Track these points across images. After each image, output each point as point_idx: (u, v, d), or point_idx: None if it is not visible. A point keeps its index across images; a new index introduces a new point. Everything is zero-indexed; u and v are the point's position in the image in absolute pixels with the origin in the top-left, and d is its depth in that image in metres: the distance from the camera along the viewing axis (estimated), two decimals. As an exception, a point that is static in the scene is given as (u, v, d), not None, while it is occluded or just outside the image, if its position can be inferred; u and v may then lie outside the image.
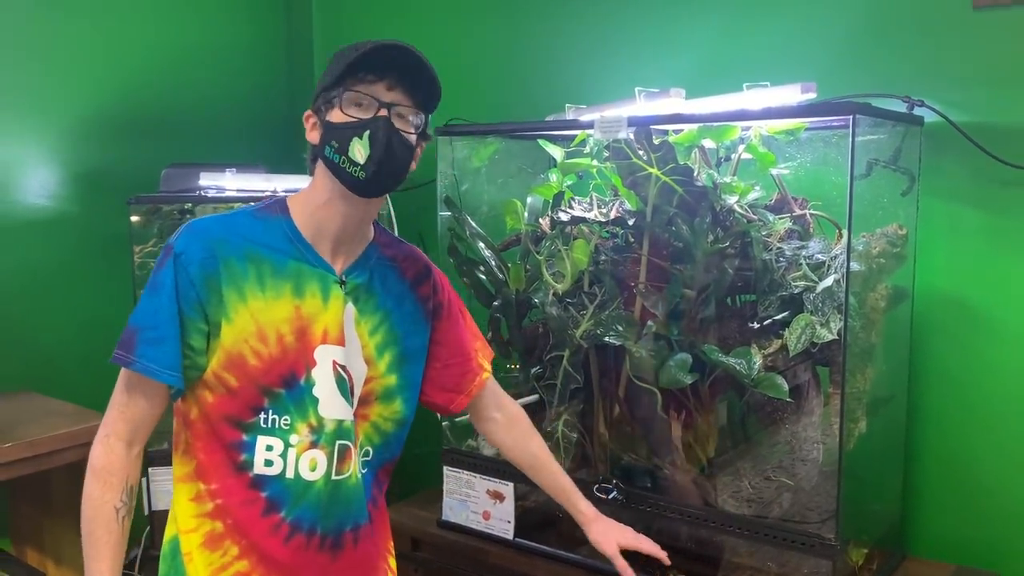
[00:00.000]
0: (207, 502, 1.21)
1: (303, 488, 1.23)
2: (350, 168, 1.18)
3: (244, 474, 1.21)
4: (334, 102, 1.19)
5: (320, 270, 1.23)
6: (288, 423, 1.21)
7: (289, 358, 1.20)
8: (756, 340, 1.57)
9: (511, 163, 2.00)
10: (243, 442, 1.20)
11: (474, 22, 2.36)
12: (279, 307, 1.20)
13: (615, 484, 1.65)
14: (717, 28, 1.93)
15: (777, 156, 1.61)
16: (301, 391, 1.21)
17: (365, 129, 1.18)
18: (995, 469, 1.68)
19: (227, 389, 1.19)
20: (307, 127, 1.23)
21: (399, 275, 1.32)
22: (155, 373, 1.16)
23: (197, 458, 1.21)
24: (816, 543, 1.44)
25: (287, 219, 1.23)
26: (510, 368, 1.95)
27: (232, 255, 1.18)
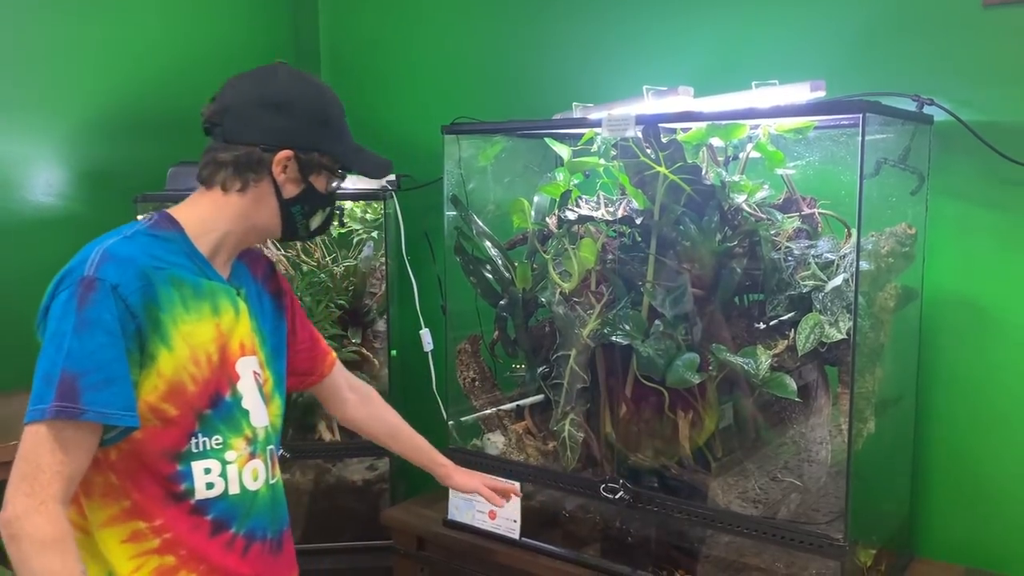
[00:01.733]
0: (151, 539, 1.17)
1: (250, 499, 1.25)
2: (302, 230, 1.29)
3: (185, 502, 1.19)
4: (325, 172, 1.26)
5: (223, 284, 1.25)
6: (220, 442, 1.21)
7: (215, 377, 1.20)
8: (763, 340, 1.56)
9: (517, 162, 1.99)
10: (179, 472, 1.18)
11: (480, 21, 2.35)
12: (203, 328, 1.19)
13: (622, 484, 1.64)
14: (726, 26, 1.92)
15: (786, 155, 1.60)
16: (229, 407, 1.22)
17: (328, 206, 1.31)
18: (1004, 470, 1.67)
19: (162, 421, 1.15)
20: (277, 168, 1.22)
21: (252, 275, 1.35)
22: (112, 418, 1.08)
23: (130, 498, 1.16)
24: (824, 543, 1.43)
25: (182, 235, 1.21)
26: (516, 367, 1.95)
27: (160, 280, 1.15)
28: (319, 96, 1.25)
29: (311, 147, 1.23)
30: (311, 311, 2.24)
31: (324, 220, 1.32)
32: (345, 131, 1.29)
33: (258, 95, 1.22)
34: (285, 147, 1.21)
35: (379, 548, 2.19)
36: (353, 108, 1.26)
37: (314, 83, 1.27)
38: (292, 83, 1.25)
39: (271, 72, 1.26)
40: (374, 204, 2.32)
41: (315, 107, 1.24)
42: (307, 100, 1.24)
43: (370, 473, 2.31)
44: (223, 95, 1.24)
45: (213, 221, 1.23)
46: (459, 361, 1.95)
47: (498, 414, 1.92)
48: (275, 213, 1.25)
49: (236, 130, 1.22)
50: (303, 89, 1.25)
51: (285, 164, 1.22)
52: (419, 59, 2.49)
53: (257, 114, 1.21)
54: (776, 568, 1.56)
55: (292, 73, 1.27)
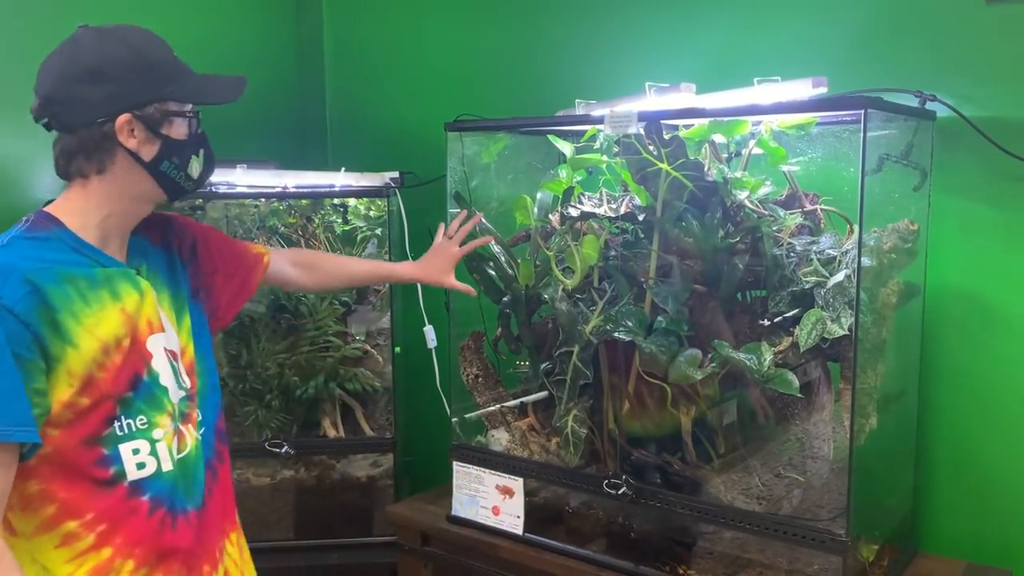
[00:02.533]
0: (85, 536, 1.16)
1: (179, 476, 1.25)
2: (185, 182, 1.25)
3: (118, 486, 1.18)
4: (176, 118, 1.21)
5: (120, 268, 1.23)
6: (145, 422, 1.21)
7: (129, 360, 1.20)
8: (766, 336, 1.56)
9: (520, 159, 2.00)
10: (105, 456, 1.17)
11: (484, 18, 2.36)
12: (108, 316, 1.18)
13: (625, 480, 1.64)
14: (728, 23, 1.92)
15: (788, 151, 1.60)
16: (148, 387, 1.22)
17: (200, 147, 1.26)
18: (1007, 465, 1.67)
19: (76, 414, 1.14)
20: (122, 136, 1.17)
21: (153, 245, 1.33)
22: (7, 435, 1.07)
23: (56, 500, 1.15)
24: (827, 539, 1.43)
25: (64, 231, 1.19)
26: (519, 364, 1.96)
27: (48, 281, 1.13)
28: (131, 46, 1.18)
29: (145, 100, 1.18)
30: (315, 308, 2.24)
31: (204, 164, 1.28)
32: (176, 68, 1.22)
33: (69, 73, 1.17)
34: (120, 112, 1.17)
35: (383, 544, 2.20)
36: (357, 105, 1.26)
37: (120, 35, 1.20)
38: (98, 44, 1.18)
39: (73, 43, 1.20)
40: (378, 201, 2.32)
41: (131, 59, 1.18)
42: (120, 55, 1.17)
43: (374, 469, 2.32)
44: (38, 86, 1.20)
45: (89, 210, 1.21)
46: (462, 358, 1.95)
47: (501, 411, 1.93)
48: (146, 178, 1.21)
49: (67, 116, 1.18)
50: (111, 46, 1.18)
51: (130, 129, 1.18)
52: (422, 56, 2.50)
53: (78, 92, 1.16)
54: (779, 564, 1.57)
55: (94, 33, 1.20)
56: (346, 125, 2.70)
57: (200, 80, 1.25)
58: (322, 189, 2.28)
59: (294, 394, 2.24)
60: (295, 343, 2.24)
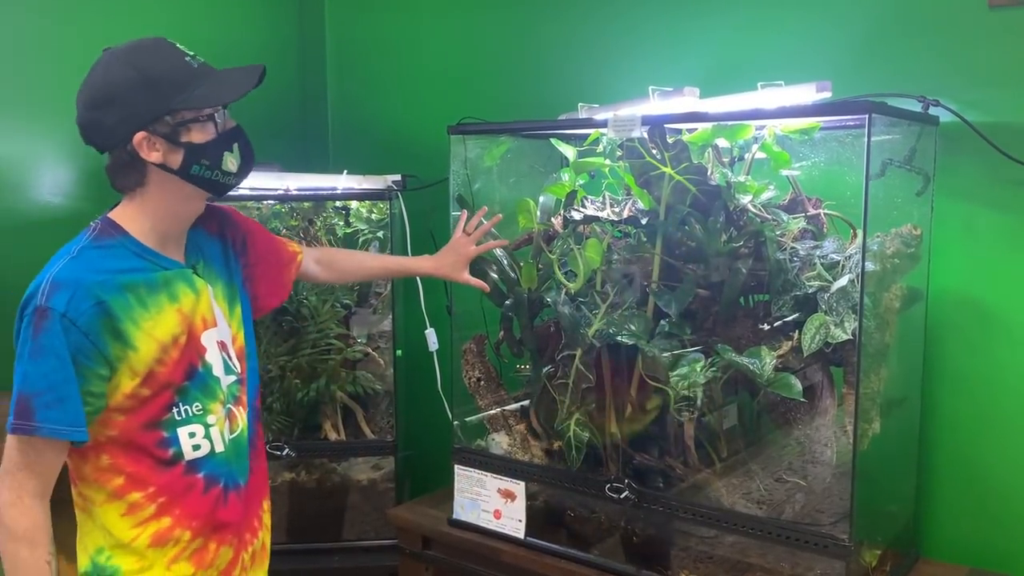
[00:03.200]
0: (147, 507, 1.30)
1: (228, 454, 1.37)
2: (223, 179, 1.31)
3: (177, 464, 1.31)
4: (193, 124, 1.25)
5: (176, 269, 1.33)
6: (200, 408, 1.33)
7: (186, 355, 1.31)
8: (768, 340, 1.56)
9: (523, 162, 2.00)
10: (165, 439, 1.30)
11: (486, 21, 2.36)
12: (165, 318, 1.28)
13: (627, 484, 1.64)
14: (732, 27, 1.92)
15: (791, 156, 1.60)
16: (203, 377, 1.33)
17: (233, 142, 1.31)
18: (1009, 471, 1.67)
19: (139, 402, 1.27)
20: (144, 153, 1.24)
21: (210, 235, 1.43)
22: (61, 433, 1.21)
23: (124, 472, 1.28)
24: (830, 544, 1.43)
25: (127, 237, 1.29)
26: (521, 367, 1.96)
27: (111, 292, 1.23)
28: (135, 66, 1.23)
29: (155, 116, 1.23)
30: (316, 310, 2.24)
31: (242, 157, 1.33)
32: (185, 75, 1.25)
33: (86, 101, 1.26)
34: (133, 132, 1.23)
35: (384, 547, 2.20)
36: (359, 107, 1.26)
37: (127, 56, 1.25)
38: (105, 70, 1.25)
39: (92, 69, 1.27)
40: (380, 204, 2.32)
41: (135, 79, 1.23)
42: (124, 78, 1.23)
43: (375, 472, 2.31)
44: (77, 115, 1.28)
45: (143, 216, 1.30)
46: (464, 361, 1.95)
47: (503, 414, 1.93)
48: (183, 185, 1.29)
49: (97, 141, 1.28)
50: (116, 70, 1.24)
51: (149, 144, 1.24)
52: (425, 59, 2.50)
53: (95, 118, 1.25)
54: (781, 568, 1.56)
55: (107, 58, 1.26)
56: (348, 127, 2.70)
57: (212, 81, 1.28)
58: (324, 191, 2.28)
59: (295, 396, 2.24)
60: (296, 345, 2.24)
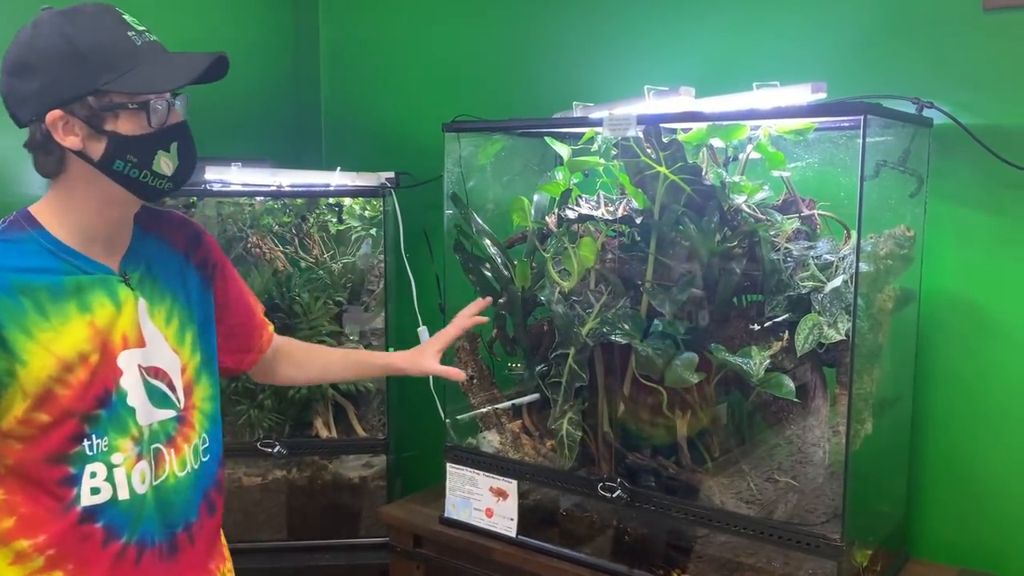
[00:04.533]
0: (35, 558, 1.09)
1: (139, 505, 1.16)
2: (153, 181, 1.11)
3: (72, 510, 1.11)
4: (123, 111, 1.06)
5: (99, 275, 1.13)
6: (107, 444, 1.12)
7: (98, 377, 1.11)
8: (761, 340, 1.57)
9: (517, 160, 1.99)
10: (70, 476, 1.10)
11: (481, 19, 2.35)
12: (71, 330, 1.09)
13: (619, 483, 1.64)
14: (727, 27, 1.92)
15: (785, 156, 1.61)
16: (115, 406, 1.13)
17: (171, 140, 1.11)
18: (1000, 472, 1.68)
19: (38, 429, 1.07)
20: (57, 135, 1.06)
21: (171, 248, 1.24)
22: None
23: (15, 514, 1.09)
24: (821, 543, 1.44)
25: (41, 231, 1.10)
26: (514, 366, 1.95)
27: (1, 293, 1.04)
28: (64, 34, 1.04)
29: (75, 94, 1.04)
30: (309, 307, 2.23)
31: (180, 159, 1.12)
32: (121, 52, 1.06)
33: (7, 64, 1.07)
34: (48, 108, 1.04)
35: (375, 545, 2.19)
36: (353, 104, 1.23)
37: (59, 20, 1.06)
38: (32, 33, 1.06)
39: (20, 31, 1.09)
40: (373, 201, 2.32)
41: (61, 48, 1.04)
42: (49, 44, 1.04)
43: (367, 470, 2.31)
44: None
45: (65, 210, 1.12)
46: (457, 359, 1.95)
47: (496, 412, 1.92)
48: (105, 180, 1.09)
49: (13, 112, 1.09)
50: (44, 35, 1.05)
51: (63, 125, 1.05)
52: (419, 57, 2.49)
53: (13, 86, 1.07)
54: (772, 568, 1.57)
55: (41, 20, 1.07)
56: (342, 124, 2.69)
57: (153, 63, 1.07)
58: (317, 188, 2.27)
59: (286, 394, 2.23)
60: (288, 343, 2.23)
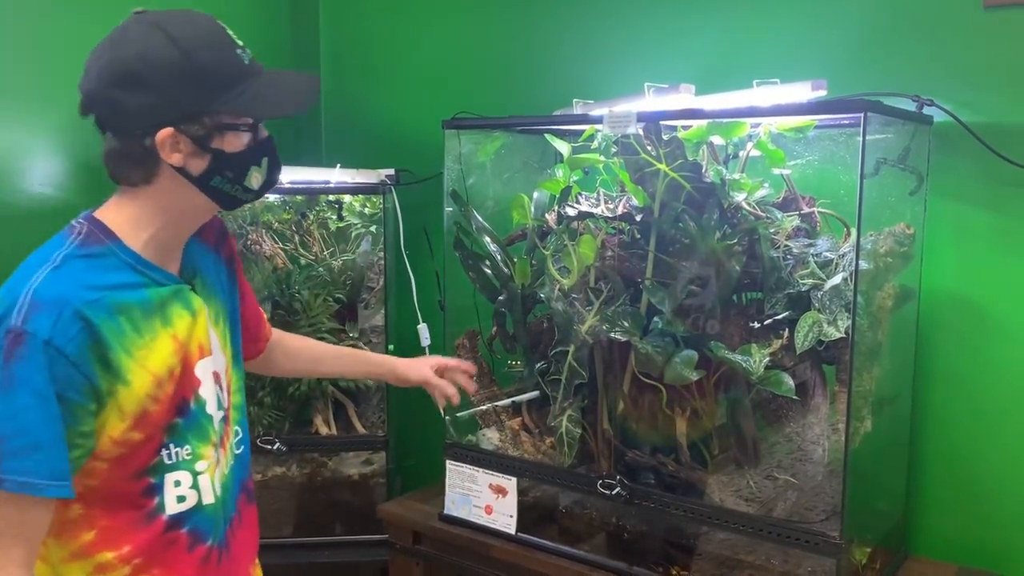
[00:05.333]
0: (120, 568, 1.08)
1: (219, 507, 1.17)
2: (242, 195, 1.12)
3: (157, 519, 1.10)
4: (229, 131, 1.06)
5: (173, 286, 1.12)
6: (190, 452, 1.12)
7: (179, 388, 1.10)
8: (761, 338, 1.57)
9: (517, 158, 1.99)
10: (151, 486, 1.09)
11: (481, 16, 2.35)
12: (159, 346, 1.07)
13: (619, 480, 1.64)
14: (728, 24, 1.92)
15: (785, 154, 1.61)
16: (195, 415, 1.12)
17: (263, 156, 1.11)
18: (999, 470, 1.68)
19: (129, 448, 1.06)
20: (164, 152, 1.04)
21: (206, 245, 1.22)
22: (35, 488, 0.96)
23: (96, 527, 1.07)
24: (820, 541, 1.44)
25: (118, 245, 1.07)
26: (513, 363, 1.95)
27: (101, 314, 1.01)
28: (180, 48, 1.02)
29: (192, 114, 1.03)
30: (309, 305, 2.23)
31: (267, 174, 1.13)
32: (235, 71, 1.05)
33: (109, 73, 1.03)
34: (161, 126, 1.02)
35: (375, 542, 2.19)
36: (352, 101, 1.23)
37: (172, 30, 1.03)
38: (143, 42, 1.02)
39: (120, 34, 1.05)
40: (373, 198, 2.32)
41: (178, 64, 1.02)
42: (165, 58, 1.01)
43: (366, 467, 2.31)
44: (82, 80, 1.07)
45: (143, 221, 1.08)
46: (457, 356, 1.95)
47: (495, 410, 1.92)
48: (196, 193, 1.08)
49: (107, 119, 1.06)
50: (157, 46, 1.02)
51: (173, 143, 1.04)
52: (419, 54, 2.49)
53: (116, 97, 1.03)
54: (771, 565, 1.57)
55: (144, 26, 1.04)
56: (342, 121, 2.69)
57: (263, 86, 1.08)
58: (317, 185, 2.27)
59: (286, 391, 2.23)
60: (288, 340, 2.23)
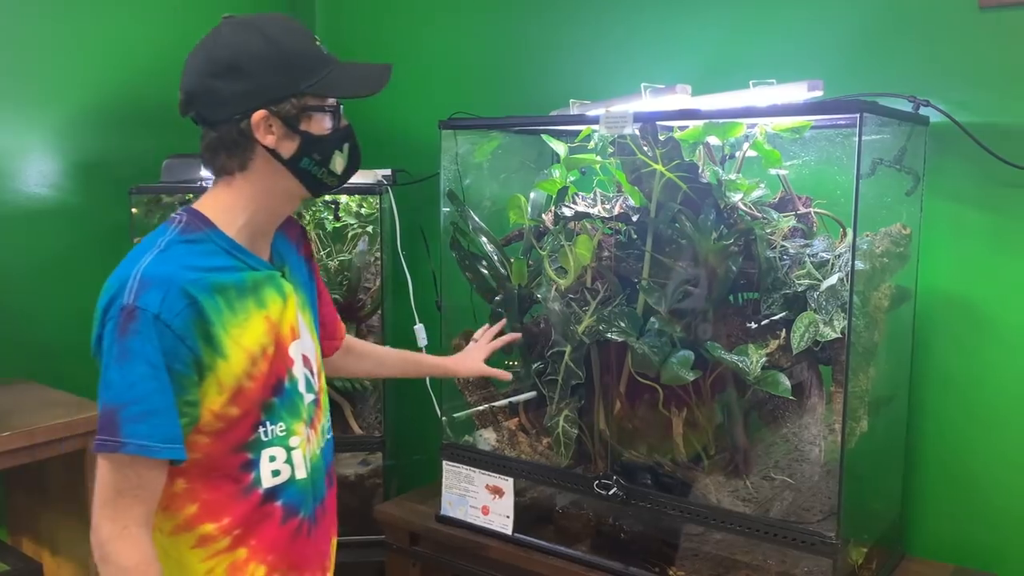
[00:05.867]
0: (221, 539, 1.17)
1: (309, 482, 1.25)
2: (327, 178, 1.21)
3: (254, 492, 1.18)
4: (316, 113, 1.17)
5: (265, 272, 1.20)
6: (284, 428, 1.20)
7: (274, 367, 1.19)
8: (758, 338, 1.57)
9: (513, 158, 1.99)
10: (249, 461, 1.18)
11: (478, 17, 2.35)
12: (253, 326, 1.16)
13: (615, 480, 1.64)
14: (724, 25, 1.92)
15: (782, 154, 1.61)
16: (289, 393, 1.21)
17: (344, 141, 1.21)
18: (995, 470, 1.68)
19: (227, 423, 1.14)
20: (259, 134, 1.14)
21: (290, 242, 1.32)
22: (151, 451, 1.06)
23: (198, 501, 1.15)
24: (817, 541, 1.44)
25: (215, 231, 1.17)
26: (511, 363, 1.95)
27: (202, 293, 1.10)
28: (268, 38, 1.14)
29: (282, 96, 1.14)
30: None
31: (349, 159, 1.23)
32: (317, 60, 1.17)
33: (206, 68, 1.15)
34: (255, 109, 1.13)
35: (371, 543, 2.19)
36: (349, 103, 1.24)
37: (259, 26, 1.15)
38: (234, 37, 1.15)
39: (212, 36, 1.17)
40: (369, 199, 2.32)
41: (267, 52, 1.13)
42: (255, 48, 1.13)
43: (363, 468, 2.31)
44: (182, 81, 1.18)
45: (237, 208, 1.18)
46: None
47: (492, 410, 1.92)
48: (287, 176, 1.18)
49: (206, 112, 1.16)
50: (247, 39, 1.14)
51: (266, 126, 1.14)
52: (416, 54, 2.49)
53: (214, 87, 1.14)
54: (767, 566, 1.57)
55: (233, 26, 1.16)
56: (338, 122, 2.69)
57: (342, 71, 1.19)
58: (314, 185, 2.27)
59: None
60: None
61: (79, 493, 1.94)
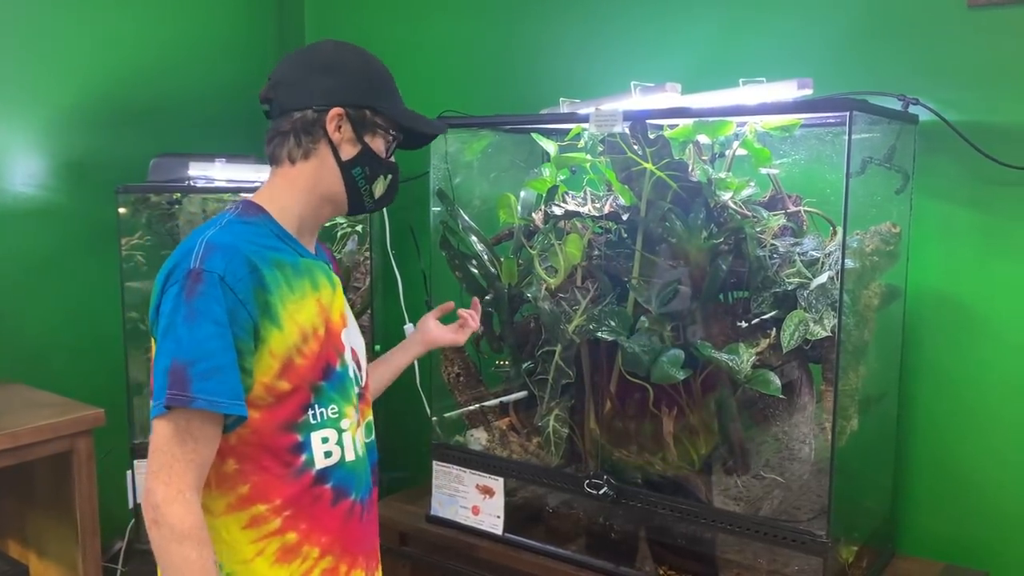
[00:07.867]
0: (272, 520, 1.20)
1: (360, 464, 1.30)
2: (366, 197, 1.30)
3: (306, 473, 1.22)
4: (380, 133, 1.28)
5: (315, 260, 1.28)
6: (336, 411, 1.25)
7: (325, 350, 1.24)
8: (748, 337, 1.56)
9: (503, 157, 1.99)
10: (299, 443, 1.21)
11: (467, 15, 2.35)
12: (307, 305, 1.22)
13: (606, 480, 1.64)
14: (714, 23, 1.92)
15: (772, 152, 1.61)
16: (340, 377, 1.26)
17: (391, 172, 1.32)
18: (985, 468, 1.69)
19: (277, 397, 1.19)
20: (331, 127, 1.24)
21: (325, 255, 1.39)
22: (220, 406, 1.11)
23: (249, 482, 1.19)
24: (807, 540, 1.44)
25: (269, 219, 1.24)
26: (500, 363, 1.95)
27: (263, 264, 1.18)
28: (366, 60, 1.29)
29: (361, 104, 1.26)
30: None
31: (387, 188, 1.33)
32: (395, 92, 1.32)
33: (306, 62, 1.27)
34: (335, 105, 1.24)
35: (361, 544, 2.18)
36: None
37: (361, 50, 1.31)
38: (339, 49, 1.29)
39: (319, 44, 1.31)
40: (359, 198, 2.30)
41: (362, 68, 1.28)
42: (353, 62, 1.27)
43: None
44: (275, 71, 1.28)
45: (289, 199, 1.26)
46: (444, 356, 1.94)
47: (482, 410, 1.92)
48: (338, 178, 1.27)
49: (288, 99, 1.25)
50: (350, 54, 1.29)
51: (339, 123, 1.24)
52: (405, 53, 2.48)
53: (305, 78, 1.25)
54: (758, 564, 1.57)
55: (340, 43, 1.31)
56: (327, 121, 2.68)
57: (409, 111, 1.33)
58: (303, 185, 2.25)
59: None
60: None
61: (66, 495, 1.92)
